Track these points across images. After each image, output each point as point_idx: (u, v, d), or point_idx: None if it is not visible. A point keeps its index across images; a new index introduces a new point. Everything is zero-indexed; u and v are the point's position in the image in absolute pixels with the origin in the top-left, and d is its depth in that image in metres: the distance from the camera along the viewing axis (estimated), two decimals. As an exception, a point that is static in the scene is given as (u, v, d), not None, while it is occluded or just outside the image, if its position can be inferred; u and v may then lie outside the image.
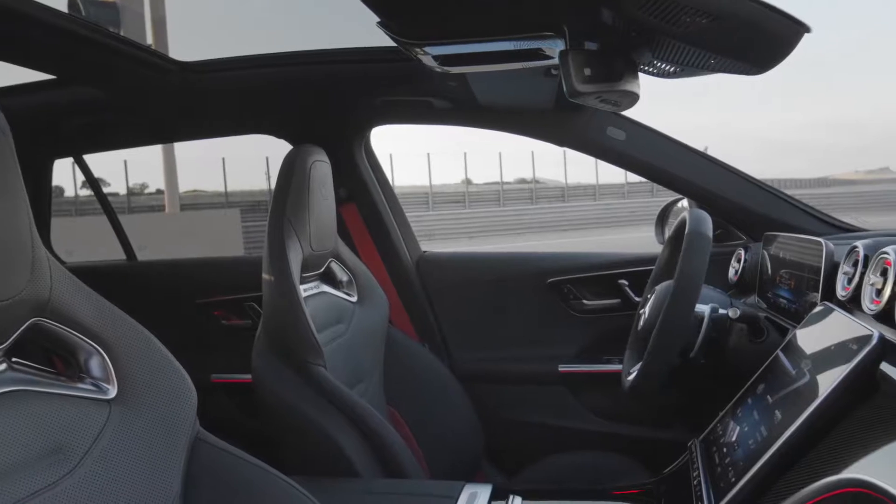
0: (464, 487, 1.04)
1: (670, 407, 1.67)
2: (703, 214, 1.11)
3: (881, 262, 0.92)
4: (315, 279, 1.39)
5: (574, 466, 1.57)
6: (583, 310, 1.81)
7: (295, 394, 1.17)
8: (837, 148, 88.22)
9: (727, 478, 0.87)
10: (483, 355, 1.87)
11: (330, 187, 1.37)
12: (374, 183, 1.86)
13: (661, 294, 1.23)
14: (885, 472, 0.65)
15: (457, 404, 1.61)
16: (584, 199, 22.26)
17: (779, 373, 0.98)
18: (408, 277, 1.88)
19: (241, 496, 0.71)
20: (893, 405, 0.74)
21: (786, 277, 1.31)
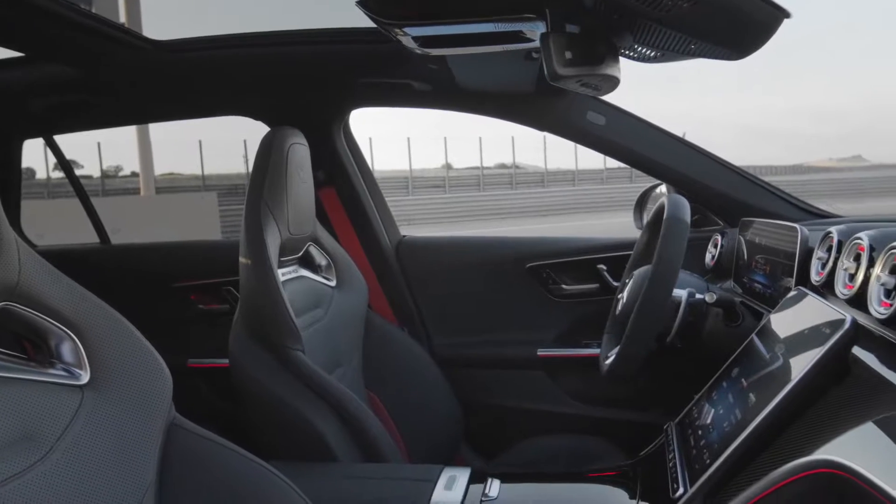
0: (442, 471, 1.05)
1: (647, 390, 1.69)
2: (681, 200, 1.12)
3: (854, 247, 0.93)
4: (293, 263, 1.38)
5: (552, 449, 1.59)
6: (561, 294, 1.82)
7: (273, 378, 1.16)
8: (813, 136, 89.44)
9: (702, 459, 0.88)
10: (462, 340, 1.88)
11: (308, 170, 1.35)
12: (354, 166, 1.84)
13: (640, 279, 1.24)
14: (855, 453, 0.66)
15: (436, 389, 1.61)
16: (564, 185, 22.35)
17: (753, 356, 1.00)
18: (387, 262, 1.87)
19: (218, 482, 0.70)
20: (864, 388, 0.75)
21: (761, 263, 1.33)
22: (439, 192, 20.97)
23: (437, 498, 0.97)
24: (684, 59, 1.00)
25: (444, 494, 0.98)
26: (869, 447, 0.65)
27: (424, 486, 0.99)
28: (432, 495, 0.97)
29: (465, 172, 23.31)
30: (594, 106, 1.59)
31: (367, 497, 0.99)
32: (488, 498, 1.01)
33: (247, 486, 0.71)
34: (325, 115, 1.76)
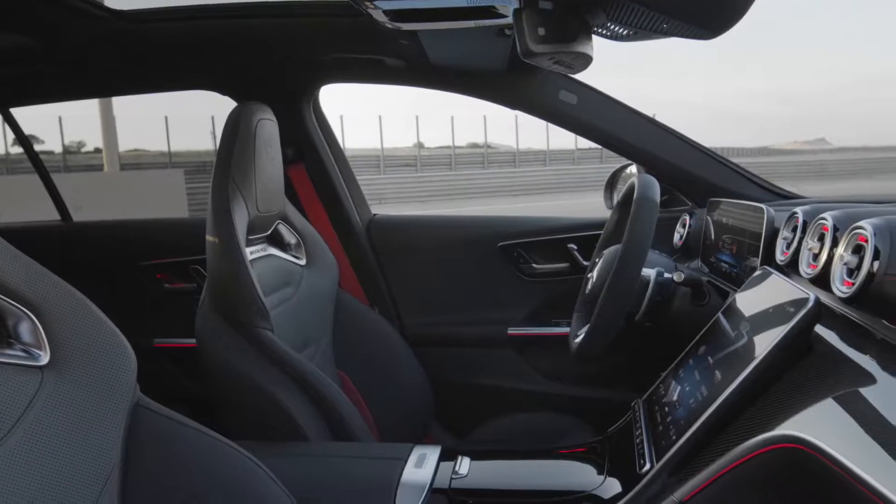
0: (413, 449, 1.05)
1: (616, 368, 1.71)
2: (651, 180, 1.12)
3: (819, 227, 0.95)
4: (262, 242, 1.35)
5: (522, 427, 1.60)
6: (532, 273, 1.83)
7: (241, 358, 1.14)
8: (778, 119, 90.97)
9: (668, 436, 0.90)
10: (433, 319, 1.88)
11: (277, 147, 1.32)
12: (324, 143, 1.81)
13: (609, 258, 1.25)
14: (816, 428, 0.68)
15: (407, 368, 1.61)
16: (536, 165, 22.41)
17: (719, 335, 1.01)
18: (358, 241, 1.85)
19: (184, 462, 0.69)
20: (825, 365, 0.77)
21: (728, 242, 1.35)
22: (411, 171, 20.86)
23: (407, 476, 0.97)
24: (657, 37, 1.00)
25: (415, 472, 0.98)
26: (829, 422, 0.67)
27: (394, 465, 1.00)
28: (402, 473, 0.97)
29: (436, 152, 23.22)
30: (566, 85, 1.59)
31: (336, 476, 0.99)
32: (458, 475, 1.02)
33: (213, 466, 0.70)
34: (294, 90, 1.73)
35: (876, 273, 0.73)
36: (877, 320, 0.76)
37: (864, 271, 0.75)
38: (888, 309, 0.73)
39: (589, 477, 1.00)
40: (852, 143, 42.09)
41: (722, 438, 0.82)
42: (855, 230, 0.80)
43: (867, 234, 0.76)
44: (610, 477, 0.97)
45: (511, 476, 1.08)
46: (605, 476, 0.98)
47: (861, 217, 0.80)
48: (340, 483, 0.97)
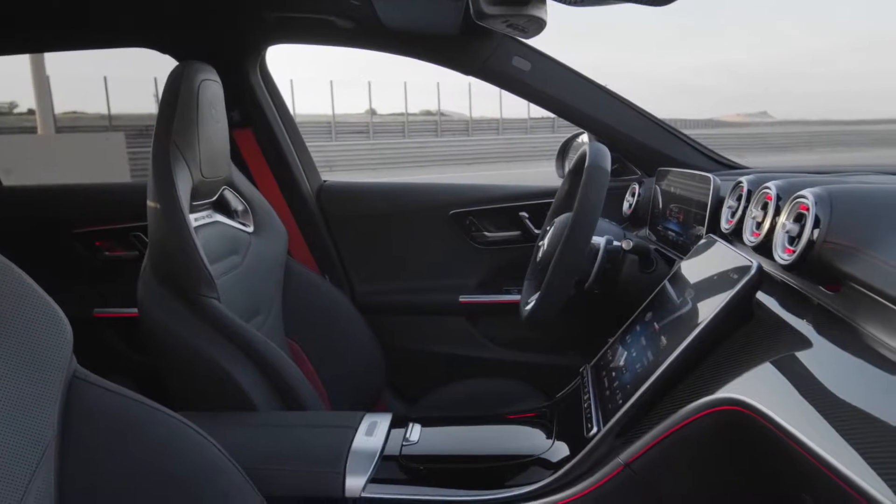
0: (363, 417, 1.04)
1: (565, 335, 1.74)
2: (602, 148, 1.12)
3: (762, 196, 0.97)
4: (207, 208, 1.31)
5: (473, 393, 1.62)
6: (484, 241, 1.83)
7: (186, 328, 1.11)
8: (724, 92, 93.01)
9: (615, 400, 0.92)
10: (385, 287, 1.87)
11: (221, 109, 1.27)
12: (271, 107, 1.76)
13: (560, 226, 1.26)
14: (755, 391, 0.70)
15: (358, 336, 1.60)
16: (489, 133, 22.39)
17: (665, 301, 1.03)
18: (307, 207, 1.81)
19: (125, 435, 0.67)
20: (765, 330, 0.79)
21: (675, 211, 1.37)
22: (363, 137, 20.57)
23: (358, 444, 0.96)
24: (609, 3, 0.99)
25: (365, 440, 0.98)
26: (768, 385, 0.69)
27: (345, 433, 0.99)
28: (352, 441, 0.97)
29: (389, 118, 22.95)
30: (520, 51, 1.57)
31: (285, 445, 0.97)
32: (409, 442, 1.02)
33: (155, 438, 0.68)
34: (239, 50, 1.66)
35: (816, 241, 0.75)
36: (815, 287, 0.78)
37: (804, 239, 0.77)
38: (826, 275, 0.75)
39: (537, 441, 1.01)
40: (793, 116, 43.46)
41: (666, 402, 0.84)
42: (797, 199, 0.82)
43: (808, 203, 0.78)
44: (558, 441, 0.99)
45: (461, 441, 1.09)
46: (554, 440, 1.00)
47: (803, 186, 0.82)
48: (289, 452, 0.96)
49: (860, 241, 0.70)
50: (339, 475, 0.91)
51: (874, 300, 0.64)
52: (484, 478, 0.94)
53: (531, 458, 0.96)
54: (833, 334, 0.69)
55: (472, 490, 0.90)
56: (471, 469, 0.99)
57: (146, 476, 0.66)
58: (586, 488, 0.84)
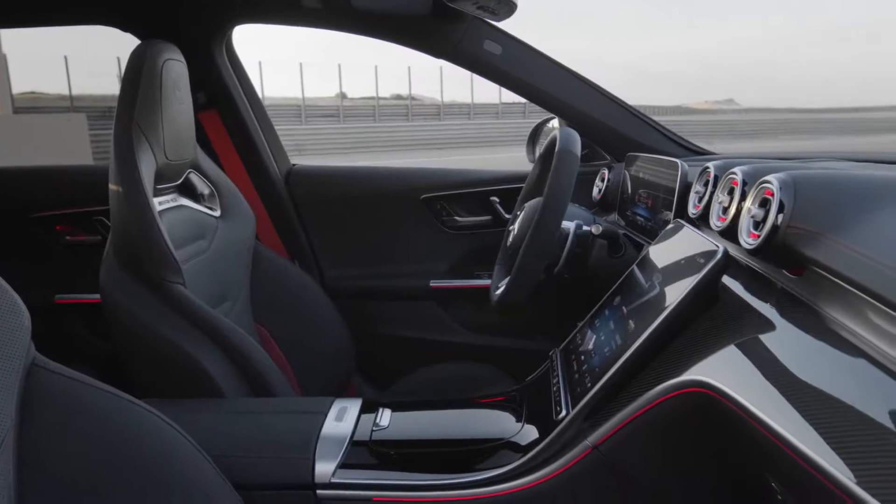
0: (333, 403, 1.04)
1: (535, 319, 1.75)
2: (572, 133, 1.12)
3: (729, 182, 0.98)
4: (172, 191, 1.28)
5: (443, 377, 1.62)
6: (455, 226, 1.83)
7: (151, 314, 1.09)
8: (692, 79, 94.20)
9: (584, 383, 0.92)
10: (355, 272, 1.85)
11: (186, 90, 1.24)
12: (238, 88, 1.72)
13: (530, 211, 1.26)
14: (720, 373, 0.71)
15: (328, 321, 1.59)
16: (460, 118, 22.34)
17: (633, 285, 1.04)
18: (276, 191, 1.79)
19: (87, 424, 0.65)
20: (730, 314, 0.80)
21: (644, 196, 1.38)
22: (333, 121, 20.36)
23: (328, 430, 0.96)
24: None
25: (335, 426, 0.97)
26: (732, 368, 0.70)
27: (314, 419, 0.98)
28: (322, 427, 0.96)
29: (360, 102, 22.76)
30: (491, 35, 1.56)
31: (254, 432, 0.96)
32: (379, 427, 1.02)
33: (117, 426, 0.66)
34: (204, 29, 1.62)
35: (780, 225, 0.76)
36: (778, 271, 0.79)
37: (769, 224, 0.78)
38: (790, 260, 0.76)
39: (507, 424, 1.02)
40: (759, 104, 44.24)
41: (634, 385, 0.85)
42: (762, 184, 0.84)
43: (773, 188, 0.79)
44: (527, 424, 1.00)
45: (431, 426, 1.09)
46: (523, 423, 1.00)
47: (768, 172, 0.83)
48: (258, 439, 0.95)
49: (823, 226, 0.71)
50: (309, 461, 0.90)
51: (836, 284, 0.66)
52: (454, 461, 0.95)
53: (501, 442, 0.96)
54: (796, 317, 0.70)
55: (442, 474, 0.90)
56: (441, 453, 0.99)
57: (108, 464, 0.64)
58: (555, 470, 0.85)
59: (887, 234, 0.65)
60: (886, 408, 0.50)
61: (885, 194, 0.74)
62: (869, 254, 0.62)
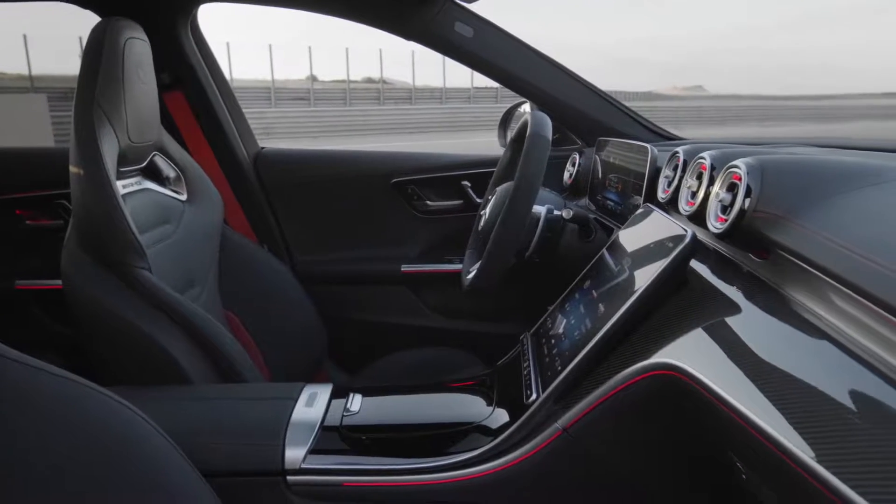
0: (303, 388, 1.03)
1: (506, 303, 1.76)
2: (543, 117, 1.12)
3: (698, 166, 0.99)
4: (136, 174, 1.25)
5: (414, 362, 1.62)
6: (426, 210, 1.82)
7: (115, 300, 1.06)
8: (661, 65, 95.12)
9: (554, 366, 0.93)
10: (325, 256, 1.84)
11: (150, 70, 1.21)
12: (204, 69, 1.68)
13: (502, 195, 1.26)
14: (687, 355, 0.72)
15: (298, 306, 1.57)
16: (432, 102, 22.23)
17: (603, 269, 1.05)
18: (244, 174, 1.76)
19: (46, 412, 0.63)
20: (698, 297, 0.81)
21: (614, 181, 1.39)
22: (304, 104, 20.09)
23: (298, 416, 0.95)
24: None
25: (305, 412, 0.96)
26: (699, 350, 0.71)
27: (284, 405, 0.97)
28: (292, 413, 0.95)
29: (330, 85, 22.49)
30: (463, 17, 1.55)
31: (223, 418, 0.95)
32: (350, 412, 1.01)
33: (80, 415, 0.65)
34: (168, 8, 1.57)
35: (747, 210, 0.77)
36: (745, 254, 0.81)
37: (736, 208, 0.79)
38: (755, 243, 0.77)
39: (478, 408, 1.02)
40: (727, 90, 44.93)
41: (603, 368, 0.86)
42: (730, 169, 0.84)
43: (741, 173, 0.80)
44: (498, 408, 1.00)
45: (402, 411, 1.09)
46: (494, 407, 1.01)
47: (736, 157, 0.84)
48: (226, 425, 0.94)
49: (788, 210, 0.73)
50: (278, 447, 0.90)
51: (800, 267, 0.67)
52: (424, 446, 0.95)
53: (471, 426, 0.97)
54: (761, 300, 0.71)
55: (413, 458, 0.90)
56: (411, 437, 0.99)
57: (69, 454, 0.63)
58: (525, 453, 0.86)
59: (850, 218, 0.67)
60: (846, 388, 0.51)
61: (848, 180, 0.75)
62: (833, 238, 0.63)
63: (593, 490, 0.89)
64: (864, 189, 0.72)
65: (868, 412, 0.48)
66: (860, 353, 0.54)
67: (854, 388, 0.51)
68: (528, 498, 0.88)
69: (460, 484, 0.87)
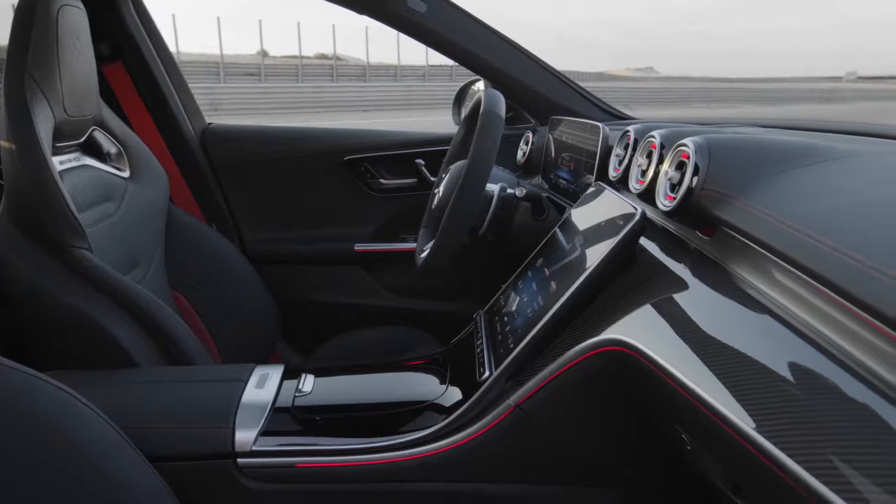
0: (254, 370, 1.01)
1: (460, 282, 1.76)
2: (497, 95, 1.12)
3: (648, 145, 1.00)
4: (74, 150, 1.19)
5: (368, 342, 1.61)
6: (379, 189, 1.80)
7: (53, 281, 1.02)
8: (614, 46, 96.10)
9: (507, 344, 0.94)
10: (276, 235, 1.80)
11: (87, 40, 1.15)
12: (146, 40, 1.61)
13: (455, 173, 1.25)
14: (636, 331, 0.73)
15: (249, 287, 1.54)
16: (386, 80, 21.98)
17: (555, 248, 1.06)
18: (190, 151, 1.70)
19: None
20: (646, 274, 0.83)
21: (566, 160, 1.40)
22: (254, 80, 19.60)
23: (248, 397, 0.93)
24: None
25: (256, 393, 0.95)
26: (647, 326, 0.73)
27: (234, 387, 0.96)
28: (242, 395, 0.93)
29: (282, 61, 22.00)
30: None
31: (170, 402, 0.93)
32: (302, 393, 1.00)
33: (16, 401, 0.62)
34: None
35: (694, 188, 0.78)
36: (692, 232, 0.82)
37: (684, 186, 0.80)
38: (702, 221, 0.79)
39: (431, 387, 1.02)
40: (677, 72, 45.75)
41: (555, 344, 0.87)
42: (678, 147, 0.86)
43: (689, 151, 0.81)
44: (451, 386, 1.00)
45: (355, 390, 1.08)
46: (447, 385, 1.01)
47: (685, 136, 0.86)
48: (174, 409, 0.91)
49: (733, 188, 0.74)
50: (228, 429, 0.88)
51: (744, 244, 0.69)
52: (378, 425, 0.95)
53: (425, 404, 0.97)
54: (707, 276, 0.73)
55: (367, 437, 0.90)
56: (365, 417, 0.99)
57: (4, 442, 0.60)
58: (478, 430, 0.87)
59: (792, 196, 0.68)
60: (785, 360, 0.53)
61: (790, 159, 0.77)
62: (774, 215, 0.65)
63: (547, 465, 0.90)
64: (805, 168, 0.74)
65: (804, 383, 0.50)
66: (798, 325, 0.56)
67: (792, 360, 0.53)
68: (484, 474, 0.89)
69: (414, 462, 0.88)
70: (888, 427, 0.42)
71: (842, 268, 0.52)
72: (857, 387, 0.46)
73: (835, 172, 0.73)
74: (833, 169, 0.74)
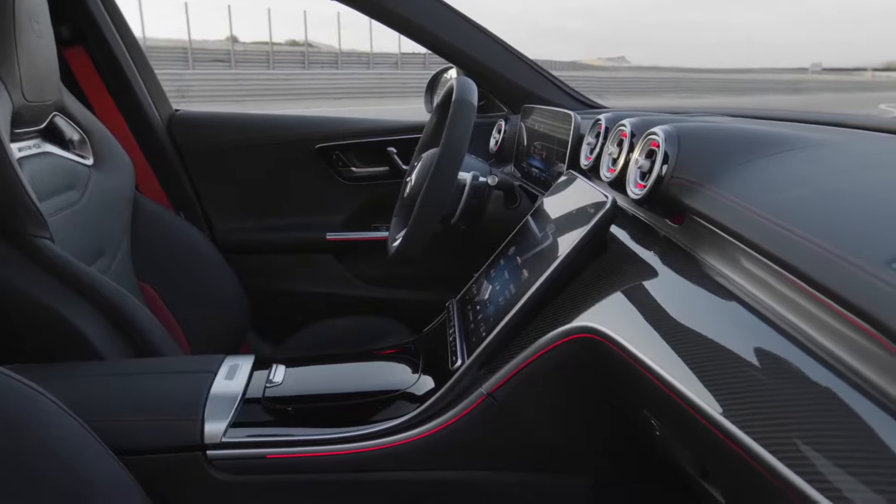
0: (223, 361, 1.00)
1: (432, 271, 1.76)
2: (469, 83, 1.11)
3: (618, 134, 1.01)
4: (34, 137, 1.15)
5: (340, 331, 1.60)
6: (351, 177, 1.79)
7: (13, 272, 0.99)
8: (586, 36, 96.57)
9: (479, 332, 0.94)
10: (246, 224, 1.78)
11: (46, 23, 1.11)
12: (108, 23, 1.56)
13: (427, 161, 1.24)
14: (606, 319, 0.74)
15: (219, 277, 1.52)
16: (359, 67, 21.79)
17: (527, 236, 1.06)
18: (156, 138, 1.66)
19: None
20: (617, 262, 0.84)
21: (539, 148, 1.40)
22: (224, 67, 19.27)
23: (218, 388, 0.92)
24: None
25: (225, 384, 0.94)
26: (617, 313, 0.73)
27: (203, 378, 0.94)
28: (212, 386, 0.92)
29: (252, 47, 21.67)
30: None
31: (137, 394, 0.91)
32: (273, 383, 0.99)
33: None
34: None
35: (664, 176, 0.79)
36: (661, 220, 0.83)
37: (654, 174, 0.81)
38: (672, 209, 0.80)
39: (403, 376, 1.02)
40: (648, 62, 46.14)
41: (527, 332, 0.87)
42: (649, 136, 0.86)
43: (659, 140, 0.82)
44: (424, 375, 1.00)
45: (326, 380, 1.08)
46: (419, 374, 1.01)
47: (655, 124, 0.86)
48: (142, 401, 0.90)
49: (702, 176, 0.75)
50: (197, 421, 0.87)
51: (713, 232, 0.69)
52: (349, 415, 0.94)
53: (397, 393, 0.97)
54: (676, 264, 0.73)
55: (338, 427, 0.89)
56: (336, 407, 0.98)
57: None
58: (450, 419, 0.87)
59: (759, 184, 0.69)
60: (752, 346, 0.54)
61: (758, 147, 0.78)
62: (742, 203, 0.65)
63: (518, 452, 0.91)
64: (772, 157, 0.75)
65: (770, 369, 0.51)
66: (765, 312, 0.57)
67: (758, 346, 0.53)
68: (456, 462, 0.90)
69: (386, 451, 0.87)
70: (850, 410, 0.43)
71: (808, 256, 0.53)
72: (821, 372, 0.47)
73: (801, 161, 0.74)
74: (799, 158, 0.75)
